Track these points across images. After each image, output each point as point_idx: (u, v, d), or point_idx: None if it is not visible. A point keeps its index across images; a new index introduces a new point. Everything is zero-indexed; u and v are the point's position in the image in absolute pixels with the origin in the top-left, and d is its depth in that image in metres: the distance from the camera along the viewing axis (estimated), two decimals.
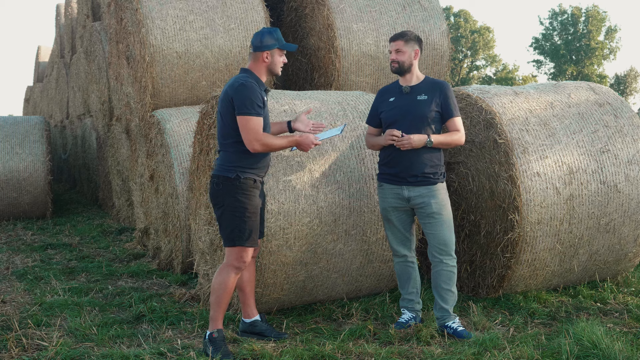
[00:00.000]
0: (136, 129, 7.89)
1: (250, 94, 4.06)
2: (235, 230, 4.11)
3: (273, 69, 4.28)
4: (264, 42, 4.21)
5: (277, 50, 4.26)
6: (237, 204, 4.10)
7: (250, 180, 4.13)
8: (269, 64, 4.25)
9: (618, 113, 5.43)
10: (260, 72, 4.26)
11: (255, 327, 4.45)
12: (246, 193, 4.11)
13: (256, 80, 4.20)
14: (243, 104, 4.04)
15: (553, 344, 4.10)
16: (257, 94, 4.09)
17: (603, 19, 52.39)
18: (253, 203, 4.14)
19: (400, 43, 4.51)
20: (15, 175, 10.42)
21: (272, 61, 4.25)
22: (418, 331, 4.39)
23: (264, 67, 4.26)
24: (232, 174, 4.11)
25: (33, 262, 7.25)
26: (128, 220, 9.53)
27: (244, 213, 4.10)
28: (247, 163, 4.13)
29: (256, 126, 4.05)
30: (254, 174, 4.16)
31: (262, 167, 4.23)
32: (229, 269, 4.15)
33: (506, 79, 53.49)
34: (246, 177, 4.12)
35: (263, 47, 4.21)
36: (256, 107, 4.06)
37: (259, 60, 4.24)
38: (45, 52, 23.03)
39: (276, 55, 4.26)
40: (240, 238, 4.11)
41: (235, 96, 4.08)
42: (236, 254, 4.14)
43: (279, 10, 8.77)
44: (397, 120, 4.48)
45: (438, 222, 4.41)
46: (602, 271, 5.46)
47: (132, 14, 7.32)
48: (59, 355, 4.06)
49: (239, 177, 4.11)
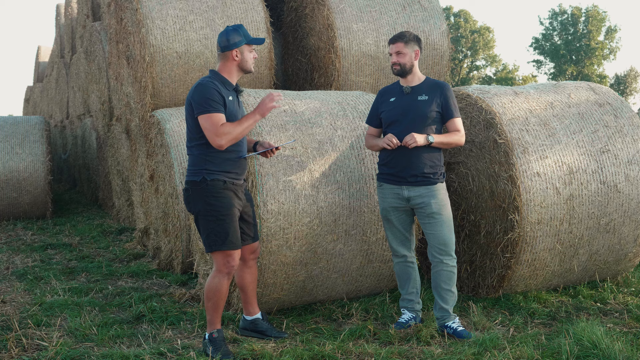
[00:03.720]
0: (136, 129, 7.89)
1: (205, 93, 3.97)
2: (211, 235, 4.02)
3: (244, 66, 4.17)
4: (231, 40, 4.11)
5: (245, 47, 4.15)
6: (207, 207, 4.01)
7: (219, 182, 4.02)
8: (239, 62, 4.15)
9: (618, 113, 5.43)
10: (229, 72, 4.16)
11: (257, 326, 4.45)
12: (215, 195, 4.01)
13: (221, 80, 4.11)
14: (199, 104, 3.97)
15: (553, 344, 4.10)
16: (213, 92, 3.98)
17: (603, 19, 52.39)
18: (225, 204, 4.02)
19: (400, 45, 4.50)
20: (15, 175, 10.42)
21: (242, 58, 4.15)
22: (418, 331, 4.39)
23: (235, 66, 4.16)
24: (198, 177, 4.02)
25: (33, 262, 7.25)
26: (128, 220, 9.53)
27: (216, 216, 4.00)
28: (212, 164, 4.02)
29: (215, 122, 3.93)
30: (223, 176, 4.03)
31: (231, 169, 4.08)
32: (220, 275, 4.08)
33: (506, 79, 53.50)
34: (213, 178, 4.01)
35: (231, 45, 4.11)
36: (213, 103, 3.95)
37: (229, 60, 4.14)
38: (45, 52, 23.03)
39: (246, 52, 4.15)
40: (216, 242, 4.01)
41: (192, 98, 4.02)
42: (222, 259, 4.05)
43: (279, 10, 8.77)
44: (397, 120, 4.48)
45: (438, 222, 4.41)
46: (602, 271, 5.46)
47: (132, 14, 7.32)
48: (59, 355, 4.06)
49: (205, 180, 4.01)
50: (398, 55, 4.51)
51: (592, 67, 52.47)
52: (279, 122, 4.89)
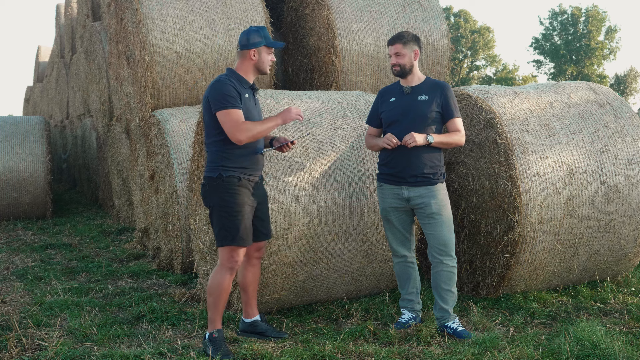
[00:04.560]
0: (136, 129, 7.89)
1: (223, 89, 4.04)
2: (222, 230, 4.09)
3: (260, 66, 4.24)
4: (251, 39, 4.18)
5: (264, 48, 4.21)
6: (222, 203, 4.09)
7: (234, 179, 4.09)
8: (256, 62, 4.21)
9: (618, 113, 5.43)
10: (246, 71, 4.23)
11: (256, 327, 4.46)
12: (230, 192, 4.08)
13: (237, 78, 4.17)
14: (217, 100, 4.04)
15: (553, 344, 4.10)
16: (230, 88, 4.04)
17: (603, 19, 52.40)
18: (239, 201, 4.09)
19: (399, 46, 4.50)
20: (15, 175, 10.42)
21: (259, 59, 4.21)
22: (418, 331, 4.39)
23: (251, 66, 4.22)
24: (215, 173, 4.11)
25: (33, 262, 7.25)
26: (128, 220, 9.53)
27: (229, 212, 4.07)
28: (229, 161, 4.09)
29: (235, 117, 4.00)
30: (239, 172, 4.10)
31: (248, 166, 4.15)
32: (223, 270, 4.14)
33: (506, 79, 53.51)
34: (229, 175, 4.08)
35: (250, 44, 4.18)
36: (231, 99, 4.02)
37: (246, 59, 4.21)
38: (45, 52, 23.04)
39: (264, 53, 4.22)
40: (227, 237, 4.08)
41: (210, 95, 4.09)
42: (227, 254, 4.12)
43: (279, 10, 8.77)
44: (397, 120, 4.48)
45: (438, 223, 4.41)
46: (602, 271, 5.46)
47: (132, 14, 7.32)
48: (59, 355, 4.06)
49: (221, 176, 4.08)
50: (397, 56, 4.51)
51: (592, 67, 52.48)
52: None
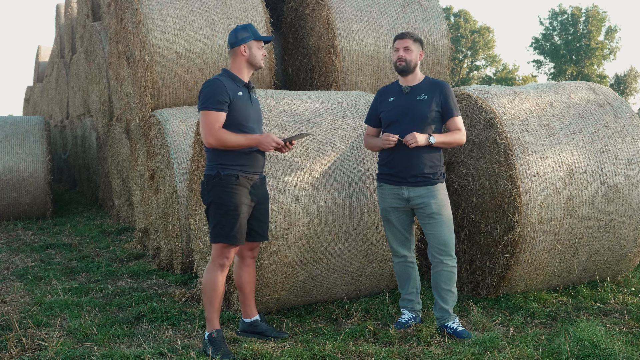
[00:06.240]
0: (136, 129, 7.89)
1: (211, 89, 4.07)
2: (217, 227, 4.13)
3: (253, 61, 4.26)
4: (239, 36, 4.23)
5: (254, 43, 4.25)
6: (218, 201, 4.12)
7: (232, 177, 4.11)
8: (248, 58, 4.25)
9: (618, 113, 5.43)
10: (240, 68, 4.26)
11: (256, 327, 4.46)
12: (227, 190, 4.11)
13: (231, 77, 4.20)
14: (201, 100, 4.10)
15: (553, 344, 4.10)
16: (220, 90, 4.07)
17: (603, 19, 52.40)
18: (235, 200, 4.11)
19: (409, 41, 4.52)
20: (15, 175, 10.43)
21: (250, 54, 4.24)
22: (418, 331, 4.39)
23: (244, 62, 4.26)
24: (213, 171, 4.15)
25: (33, 262, 7.25)
26: (128, 220, 9.53)
27: (225, 210, 4.11)
28: (227, 159, 4.12)
29: (211, 120, 4.04)
30: (237, 170, 4.12)
31: (246, 163, 4.17)
32: (214, 266, 4.18)
33: (506, 79, 53.50)
34: (227, 173, 4.11)
35: (239, 41, 4.22)
36: (215, 102, 4.04)
37: (238, 56, 4.25)
38: (45, 52, 23.04)
39: (254, 48, 4.25)
40: (221, 235, 4.12)
41: (200, 93, 4.15)
42: (219, 251, 4.15)
43: (279, 10, 8.77)
44: (397, 120, 4.48)
45: (438, 223, 4.41)
46: (602, 271, 5.46)
47: (132, 14, 7.32)
48: (59, 355, 4.06)
49: (219, 174, 4.12)
50: (406, 50, 4.51)
51: (592, 67, 52.47)
52: (279, 122, 4.89)
